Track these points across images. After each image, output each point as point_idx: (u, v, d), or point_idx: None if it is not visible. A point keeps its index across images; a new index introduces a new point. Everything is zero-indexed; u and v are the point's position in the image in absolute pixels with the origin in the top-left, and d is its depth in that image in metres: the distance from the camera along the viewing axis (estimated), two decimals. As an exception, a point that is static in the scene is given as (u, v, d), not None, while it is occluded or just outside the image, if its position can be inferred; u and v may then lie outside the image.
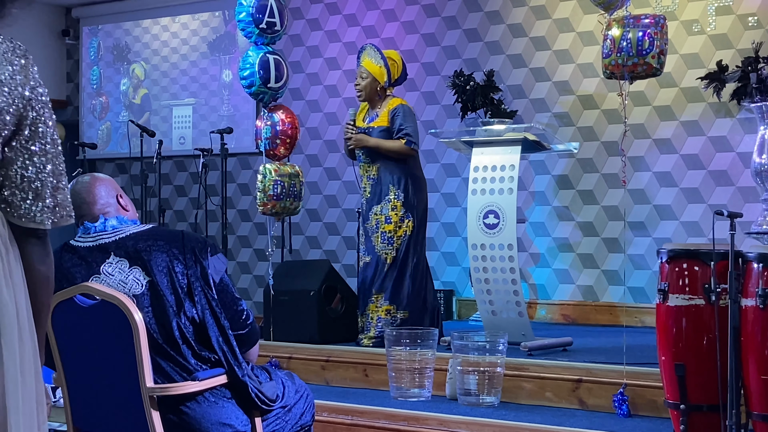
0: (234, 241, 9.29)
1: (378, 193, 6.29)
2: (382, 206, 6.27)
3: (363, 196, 6.40)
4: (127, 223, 3.33)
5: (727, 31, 7.08)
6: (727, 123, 7.08)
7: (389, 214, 6.25)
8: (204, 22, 9.66)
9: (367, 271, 6.32)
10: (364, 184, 6.39)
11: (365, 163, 6.35)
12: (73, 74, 10.66)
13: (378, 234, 6.28)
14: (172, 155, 9.59)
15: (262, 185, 6.81)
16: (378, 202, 6.29)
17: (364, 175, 6.38)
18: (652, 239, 7.28)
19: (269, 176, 6.80)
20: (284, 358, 6.26)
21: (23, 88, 2.08)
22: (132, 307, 3.10)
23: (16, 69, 2.08)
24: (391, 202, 6.25)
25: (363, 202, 6.39)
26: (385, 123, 6.28)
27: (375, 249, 6.29)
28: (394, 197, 6.25)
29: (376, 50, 6.38)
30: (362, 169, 6.39)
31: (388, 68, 6.33)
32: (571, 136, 7.57)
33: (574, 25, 7.70)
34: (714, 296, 4.17)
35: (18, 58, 2.09)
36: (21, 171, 2.09)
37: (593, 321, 7.46)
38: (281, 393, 3.44)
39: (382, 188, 6.29)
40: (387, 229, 6.25)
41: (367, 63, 6.35)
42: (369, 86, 6.34)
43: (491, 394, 5.20)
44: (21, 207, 2.09)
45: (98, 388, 3.23)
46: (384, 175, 6.28)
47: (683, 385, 4.29)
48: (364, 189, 6.38)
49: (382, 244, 6.26)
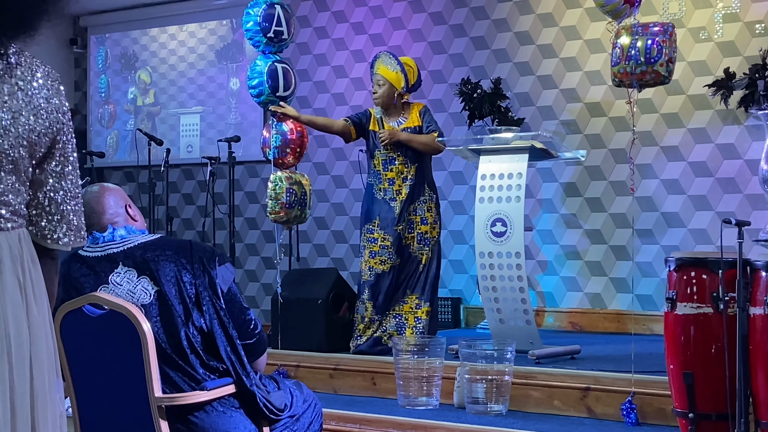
0: (241, 249, 9.30)
1: (412, 194, 6.34)
2: (416, 206, 6.34)
3: (395, 200, 6.35)
4: (135, 233, 3.34)
5: (734, 39, 7.08)
6: (734, 130, 7.07)
7: (425, 215, 6.35)
8: (211, 31, 9.68)
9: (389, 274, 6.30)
10: (397, 186, 6.36)
11: (402, 164, 6.36)
12: (81, 83, 10.69)
13: (414, 234, 6.33)
14: (179, 163, 9.61)
15: (274, 193, 6.83)
16: (411, 202, 6.34)
17: (398, 178, 6.36)
18: (660, 247, 7.27)
19: (281, 184, 6.82)
20: (292, 366, 6.26)
21: (58, 111, 2.13)
22: (140, 316, 3.11)
23: (52, 93, 2.13)
24: (426, 203, 6.37)
25: (394, 206, 6.34)
26: (417, 122, 6.40)
27: (410, 250, 6.32)
28: (428, 198, 6.38)
29: (392, 57, 6.42)
30: (396, 172, 6.36)
31: (405, 74, 6.37)
32: (579, 144, 7.57)
33: (581, 32, 7.70)
34: (722, 305, 4.17)
35: (53, 82, 2.14)
36: (50, 194, 2.14)
37: (601, 329, 7.44)
38: (289, 402, 3.44)
39: (417, 189, 6.36)
40: (423, 230, 6.33)
41: (383, 70, 6.38)
42: (387, 93, 6.38)
43: (499, 402, 5.20)
44: (46, 228, 2.15)
45: (107, 398, 3.24)
46: (420, 175, 6.37)
47: (692, 394, 4.29)
48: (398, 192, 6.35)
49: (419, 245, 6.33)
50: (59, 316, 3.21)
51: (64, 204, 2.16)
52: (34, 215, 2.14)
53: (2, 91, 2.05)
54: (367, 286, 6.37)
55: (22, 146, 2.06)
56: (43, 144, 2.10)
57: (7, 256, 2.05)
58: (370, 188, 6.48)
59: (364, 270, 6.42)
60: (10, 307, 2.04)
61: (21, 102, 2.06)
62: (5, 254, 2.04)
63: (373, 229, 6.39)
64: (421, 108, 6.47)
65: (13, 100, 2.06)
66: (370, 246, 6.39)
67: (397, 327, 6.27)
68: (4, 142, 2.03)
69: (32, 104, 2.08)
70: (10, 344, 2.03)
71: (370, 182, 6.48)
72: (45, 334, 2.11)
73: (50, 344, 2.14)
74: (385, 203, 6.38)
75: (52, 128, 2.12)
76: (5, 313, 2.03)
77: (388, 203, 6.37)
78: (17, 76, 2.08)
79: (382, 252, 6.34)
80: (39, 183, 2.13)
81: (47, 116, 2.10)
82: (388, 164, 6.38)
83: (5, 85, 2.05)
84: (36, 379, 2.08)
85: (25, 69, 2.10)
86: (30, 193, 2.13)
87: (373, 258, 6.36)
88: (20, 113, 2.06)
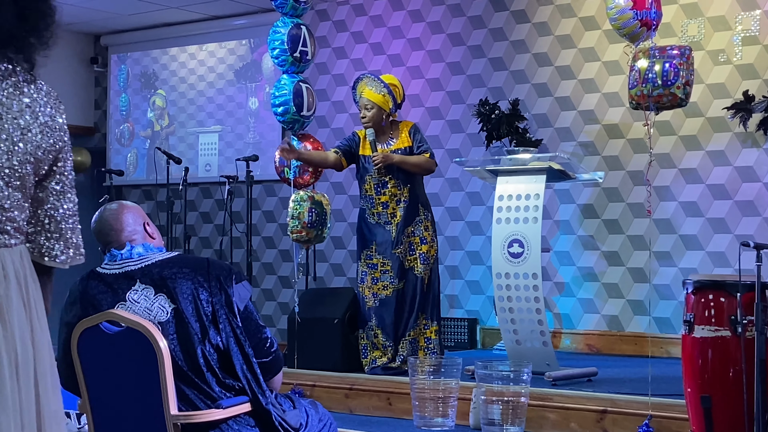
0: (258, 268, 9.31)
1: (407, 216, 6.33)
2: (414, 228, 6.34)
3: (390, 223, 6.35)
4: (153, 251, 3.35)
5: (753, 61, 7.07)
6: (753, 153, 7.05)
7: (423, 235, 6.35)
8: (231, 51, 9.73)
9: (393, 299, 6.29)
10: (391, 209, 6.36)
11: (395, 187, 6.34)
12: (101, 101, 10.76)
13: (416, 255, 6.32)
14: (198, 182, 9.64)
15: (296, 212, 6.85)
16: (407, 225, 6.32)
17: (392, 201, 6.35)
18: (678, 269, 7.24)
19: (304, 204, 6.85)
20: (308, 386, 6.26)
21: (61, 130, 2.15)
22: (157, 334, 3.11)
23: (56, 111, 2.15)
24: (423, 223, 6.36)
25: (390, 229, 6.33)
26: (407, 143, 6.39)
27: (414, 272, 6.31)
28: (424, 217, 6.37)
29: (374, 78, 6.41)
30: (389, 195, 6.35)
31: (392, 95, 6.37)
32: (597, 166, 7.56)
33: (599, 54, 7.71)
34: (740, 328, 4.15)
35: (55, 101, 2.16)
36: (50, 212, 2.15)
37: (618, 351, 7.41)
38: (305, 422, 3.44)
39: (411, 210, 6.34)
40: (424, 250, 6.32)
41: (368, 93, 6.36)
42: (375, 116, 6.37)
43: (515, 424, 5.18)
44: (44, 246, 2.15)
45: (123, 415, 3.24)
46: (413, 196, 6.36)
47: (709, 417, 4.26)
48: (393, 215, 6.35)
49: (422, 266, 6.32)
50: (76, 333, 3.22)
51: (63, 222, 2.16)
52: (32, 233, 2.14)
53: (12, 108, 2.07)
54: (372, 313, 6.34)
55: (29, 162, 2.07)
56: (47, 161, 2.11)
57: (12, 273, 2.05)
58: (363, 213, 6.45)
59: (367, 296, 6.37)
60: (17, 324, 2.04)
61: (29, 119, 2.08)
62: (10, 271, 2.05)
63: (372, 254, 6.38)
64: (410, 127, 6.45)
65: (23, 117, 2.07)
66: (371, 272, 6.36)
67: (412, 351, 6.26)
68: (13, 158, 2.05)
69: (39, 121, 2.10)
70: (18, 362, 2.04)
71: (363, 207, 6.46)
72: (48, 352, 2.13)
73: (53, 362, 2.15)
74: (380, 227, 6.36)
75: (56, 146, 2.13)
76: (13, 330, 2.03)
77: (383, 227, 6.36)
78: (25, 94, 2.10)
79: (383, 277, 6.34)
80: (39, 201, 2.14)
81: (52, 134, 2.12)
82: (381, 188, 6.37)
83: (14, 102, 2.07)
84: (42, 396, 2.08)
85: (32, 87, 2.12)
86: (30, 211, 2.14)
87: (375, 284, 6.35)
88: (29, 130, 2.07)
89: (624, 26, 5.39)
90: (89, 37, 10.64)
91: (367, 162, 6.40)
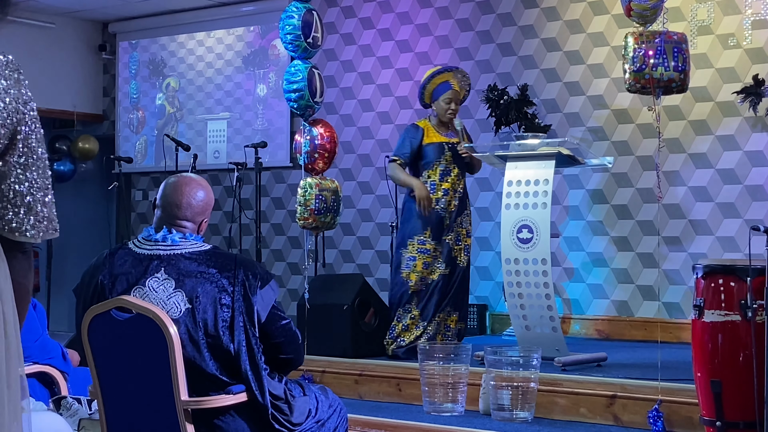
0: (268, 255, 9.32)
1: (460, 207, 6.47)
2: (462, 219, 6.49)
3: (446, 210, 6.40)
4: (188, 238, 3.32)
5: (763, 45, 7.03)
6: (763, 137, 7.03)
7: (468, 228, 6.54)
8: (239, 37, 9.72)
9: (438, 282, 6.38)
10: (450, 197, 6.43)
11: (456, 177, 6.49)
12: (110, 89, 10.76)
13: (461, 246, 6.45)
14: (206, 169, 9.64)
15: (303, 199, 6.85)
16: (459, 215, 6.46)
17: (451, 190, 6.44)
18: (688, 254, 7.23)
19: (311, 191, 6.84)
20: (318, 372, 6.27)
21: (17, 102, 2.09)
22: (167, 320, 3.12)
23: (10, 83, 2.08)
24: (468, 216, 6.56)
25: (445, 216, 6.40)
26: (462, 137, 6.55)
27: (457, 261, 6.43)
28: (469, 211, 6.60)
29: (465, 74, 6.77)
30: (450, 183, 6.45)
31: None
32: (606, 151, 7.54)
33: (608, 39, 7.68)
34: (750, 312, 4.14)
35: (11, 72, 2.09)
36: (14, 185, 2.10)
37: (628, 336, 7.41)
38: (314, 407, 3.44)
39: (463, 202, 6.50)
40: (468, 243, 6.52)
41: (459, 88, 6.59)
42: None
43: (525, 409, 5.18)
44: (13, 221, 2.10)
45: (134, 401, 3.25)
46: (465, 190, 6.58)
47: (719, 402, 4.26)
48: (449, 203, 6.42)
49: (465, 257, 6.49)
50: (87, 320, 3.23)
51: (30, 195, 2.10)
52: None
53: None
54: (415, 296, 6.39)
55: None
56: (2, 136, 2.08)
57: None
58: (411, 203, 6.45)
59: (412, 280, 6.40)
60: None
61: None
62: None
63: (425, 240, 6.41)
64: (459, 124, 6.53)
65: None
66: (422, 257, 6.40)
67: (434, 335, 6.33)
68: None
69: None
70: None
71: (412, 197, 6.44)
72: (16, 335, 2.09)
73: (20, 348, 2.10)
74: (436, 213, 6.41)
75: (11, 119, 2.08)
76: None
77: (439, 213, 6.41)
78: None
79: (434, 261, 6.41)
80: (2, 175, 2.08)
81: (5, 107, 2.06)
82: (445, 175, 6.47)
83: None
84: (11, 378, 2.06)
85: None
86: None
87: (426, 268, 6.40)
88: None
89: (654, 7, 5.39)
90: (97, 25, 10.64)
91: (449, 148, 6.47)
